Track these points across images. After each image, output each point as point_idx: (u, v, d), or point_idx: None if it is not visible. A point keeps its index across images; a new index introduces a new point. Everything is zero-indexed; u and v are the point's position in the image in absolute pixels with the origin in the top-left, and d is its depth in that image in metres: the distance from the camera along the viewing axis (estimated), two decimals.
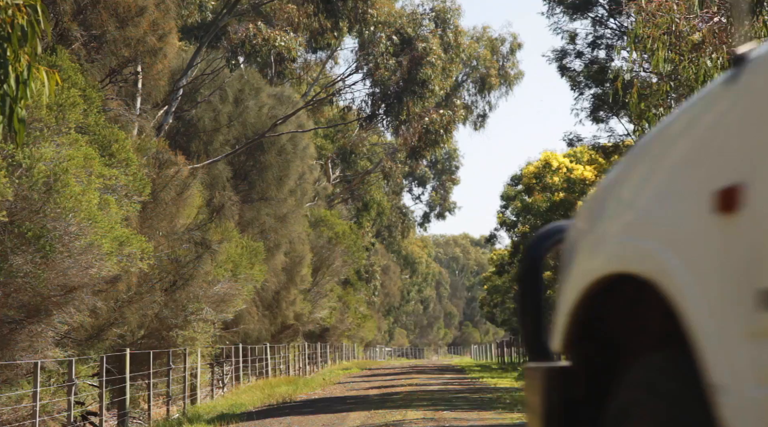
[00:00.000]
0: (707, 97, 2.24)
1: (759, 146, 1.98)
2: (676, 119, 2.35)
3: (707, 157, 2.16)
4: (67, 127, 13.68)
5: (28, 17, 6.50)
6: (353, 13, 31.85)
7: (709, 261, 2.08)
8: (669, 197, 2.25)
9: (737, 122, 2.10)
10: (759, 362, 1.92)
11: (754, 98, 2.07)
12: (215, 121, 29.05)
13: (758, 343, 1.94)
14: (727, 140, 2.11)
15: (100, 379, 15.56)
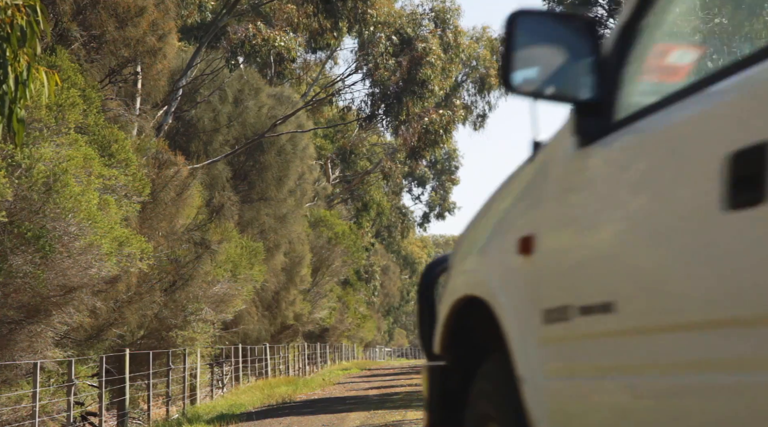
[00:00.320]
0: (517, 170, 3.12)
1: (543, 208, 2.82)
2: (502, 184, 3.26)
3: (515, 214, 3.05)
4: (67, 127, 13.67)
5: (27, 17, 6.49)
6: (353, 13, 31.85)
7: (516, 289, 2.93)
8: (494, 241, 3.15)
9: (531, 190, 2.94)
10: (545, 361, 2.75)
11: (539, 173, 2.88)
12: (215, 121, 29.05)
13: (544, 347, 2.76)
14: (525, 203, 2.98)
15: (100, 379, 15.56)
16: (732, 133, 2.04)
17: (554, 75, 2.66)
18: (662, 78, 2.75)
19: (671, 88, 2.44)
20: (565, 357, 2.69)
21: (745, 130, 1.99)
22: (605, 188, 2.56)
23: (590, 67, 2.61)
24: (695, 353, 2.10)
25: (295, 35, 32.82)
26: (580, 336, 2.59)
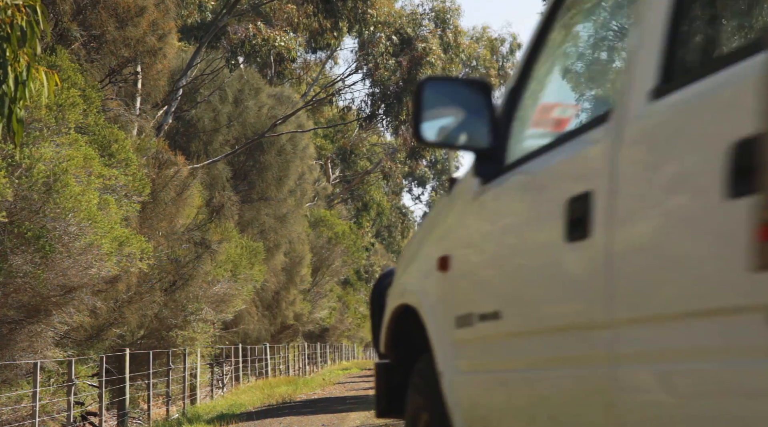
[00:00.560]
0: (440, 201, 3.80)
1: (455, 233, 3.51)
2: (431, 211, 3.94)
3: (437, 236, 3.74)
4: (67, 127, 13.68)
5: (27, 17, 6.50)
6: (353, 13, 31.85)
7: (436, 299, 3.61)
8: (423, 259, 3.84)
9: (447, 217, 3.64)
10: (457, 359, 3.41)
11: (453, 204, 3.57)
12: (215, 121, 29.05)
13: (456, 347, 3.40)
14: (443, 228, 3.68)
15: (100, 379, 15.56)
16: (569, 184, 2.70)
17: (457, 128, 3.27)
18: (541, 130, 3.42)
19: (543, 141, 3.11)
20: (470, 355, 3.38)
21: (577, 181, 2.66)
22: (495, 219, 3.29)
23: (486, 122, 3.23)
24: (551, 352, 2.79)
25: (295, 35, 32.82)
26: (480, 338, 3.29)
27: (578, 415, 2.66)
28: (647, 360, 2.27)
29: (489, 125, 3.24)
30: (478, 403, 3.33)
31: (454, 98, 3.31)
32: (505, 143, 3.28)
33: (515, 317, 3.02)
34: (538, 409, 2.92)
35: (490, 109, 3.27)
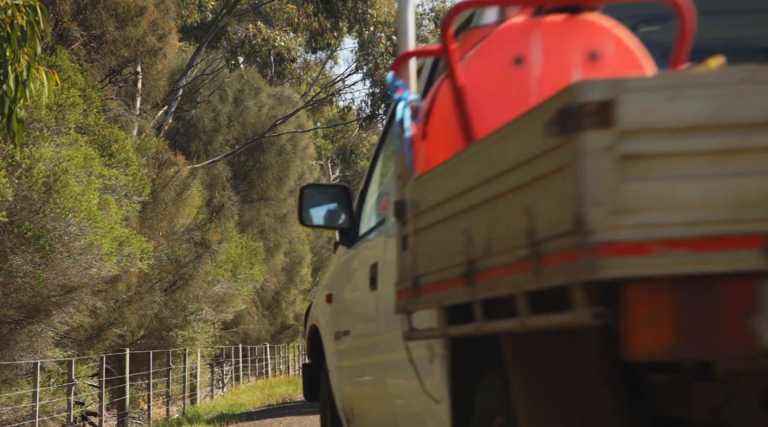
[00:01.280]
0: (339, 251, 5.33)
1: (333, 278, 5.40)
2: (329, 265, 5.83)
3: (326, 280, 5.62)
4: (67, 127, 13.68)
5: (27, 17, 6.50)
6: (353, 13, 31.85)
7: (326, 322, 5.38)
8: (320, 295, 5.68)
9: (331, 268, 5.62)
10: (336, 361, 5.17)
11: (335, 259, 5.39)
12: (215, 121, 29.05)
13: (336, 353, 5.15)
14: (329, 275, 5.61)
15: (100, 379, 15.56)
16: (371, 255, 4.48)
17: (327, 216, 5.06)
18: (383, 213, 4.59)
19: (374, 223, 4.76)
20: (340, 358, 5.18)
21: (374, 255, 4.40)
22: (348, 271, 5.10)
23: (346, 212, 5.00)
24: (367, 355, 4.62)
25: (295, 35, 32.83)
26: (343, 348, 5.10)
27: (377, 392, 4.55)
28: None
29: (347, 214, 5.00)
30: (344, 388, 5.16)
31: (326, 197, 5.07)
32: (357, 224, 5.03)
33: (354, 333, 4.87)
34: (364, 390, 4.86)
35: (349, 204, 5.02)
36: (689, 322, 1.97)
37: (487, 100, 2.89)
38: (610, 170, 1.92)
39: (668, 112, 1.91)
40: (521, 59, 2.88)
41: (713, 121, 1.92)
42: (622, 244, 1.93)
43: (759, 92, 1.89)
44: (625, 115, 1.92)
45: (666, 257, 1.93)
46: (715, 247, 1.93)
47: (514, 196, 2.20)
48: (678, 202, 1.93)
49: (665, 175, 1.92)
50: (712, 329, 1.97)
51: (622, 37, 2.88)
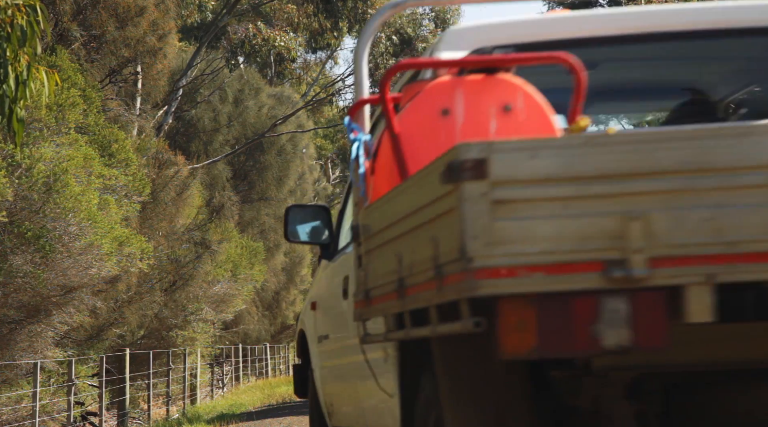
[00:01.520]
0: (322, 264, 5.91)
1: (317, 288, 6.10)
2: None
3: (312, 290, 6.39)
4: (67, 127, 13.68)
5: (27, 17, 6.50)
6: (353, 13, 31.85)
7: (311, 326, 6.05)
8: (307, 302, 6.32)
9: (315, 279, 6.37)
10: (319, 360, 5.86)
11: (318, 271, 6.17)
12: (215, 121, 29.05)
13: (319, 355, 5.86)
14: (314, 285, 6.34)
15: (100, 379, 15.56)
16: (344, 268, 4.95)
17: (310, 232, 5.67)
18: None
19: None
20: (322, 359, 5.82)
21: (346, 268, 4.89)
22: (327, 280, 5.64)
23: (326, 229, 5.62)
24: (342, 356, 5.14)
25: (295, 35, 32.83)
26: (324, 350, 5.71)
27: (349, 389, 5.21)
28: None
29: (329, 231, 5.59)
30: (325, 386, 5.80)
31: (309, 216, 5.71)
32: (337, 239, 5.58)
33: (332, 337, 5.46)
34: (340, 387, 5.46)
35: (329, 221, 5.63)
36: (547, 329, 2.55)
37: (419, 144, 3.49)
38: (485, 212, 2.51)
39: (528, 167, 2.52)
40: (447, 111, 3.51)
41: (561, 175, 2.53)
42: (494, 269, 2.52)
43: (594, 153, 2.55)
44: (495, 169, 2.52)
45: (528, 279, 2.52)
46: (565, 271, 2.52)
47: (424, 229, 2.80)
48: (536, 237, 2.52)
49: (526, 215, 2.52)
50: (565, 334, 2.55)
51: (530, 92, 3.51)
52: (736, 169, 2.52)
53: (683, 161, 2.52)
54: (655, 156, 2.54)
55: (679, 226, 2.53)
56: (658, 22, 4.29)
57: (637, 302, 2.55)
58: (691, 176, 2.53)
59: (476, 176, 2.52)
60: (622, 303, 2.56)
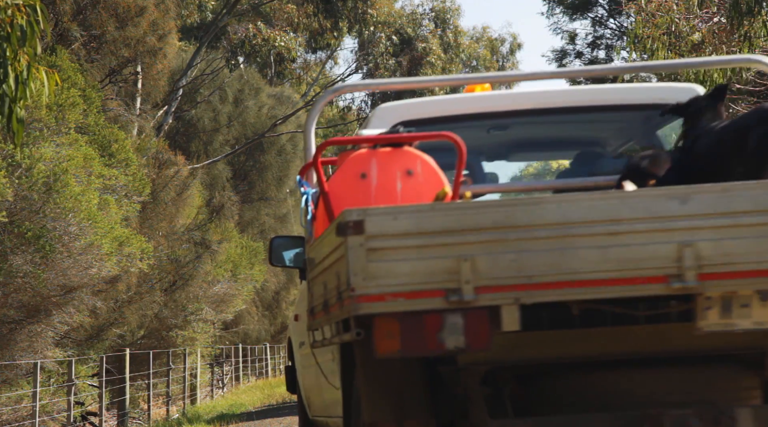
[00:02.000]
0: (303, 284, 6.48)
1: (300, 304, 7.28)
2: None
3: (297, 303, 7.91)
4: (67, 127, 13.68)
5: (27, 17, 6.50)
6: (353, 13, 31.85)
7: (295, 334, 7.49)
8: (293, 314, 7.65)
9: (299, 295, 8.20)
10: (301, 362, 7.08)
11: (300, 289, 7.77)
12: (215, 121, 29.05)
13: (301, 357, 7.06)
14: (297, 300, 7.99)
15: (100, 379, 15.56)
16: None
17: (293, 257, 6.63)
18: None
19: None
20: (302, 362, 6.84)
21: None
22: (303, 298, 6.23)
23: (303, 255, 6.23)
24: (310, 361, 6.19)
25: (295, 35, 32.83)
26: (302, 354, 6.69)
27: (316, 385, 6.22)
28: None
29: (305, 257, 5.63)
30: (304, 383, 6.92)
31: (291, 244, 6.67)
32: None
33: (306, 344, 6.05)
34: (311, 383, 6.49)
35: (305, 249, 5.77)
36: (407, 336, 3.68)
37: (344, 199, 4.55)
38: (363, 256, 3.62)
39: (391, 226, 3.64)
40: (365, 175, 4.61)
41: (414, 231, 3.65)
42: (370, 296, 3.63)
43: (436, 216, 3.66)
44: (369, 228, 3.63)
45: (393, 302, 3.65)
46: (418, 296, 3.64)
47: (332, 266, 3.94)
48: (398, 273, 3.64)
49: (391, 258, 3.63)
50: (420, 339, 3.68)
51: (427, 160, 4.65)
52: (530, 227, 3.70)
53: (496, 221, 3.69)
54: (476, 218, 3.68)
55: (494, 265, 3.68)
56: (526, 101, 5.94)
57: (468, 317, 3.69)
58: (502, 231, 3.70)
59: (356, 232, 3.64)
60: (458, 318, 3.69)
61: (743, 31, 12.38)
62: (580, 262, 3.71)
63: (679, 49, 13.62)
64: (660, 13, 13.57)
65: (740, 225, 3.70)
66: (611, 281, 3.71)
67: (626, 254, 3.70)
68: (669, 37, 13.62)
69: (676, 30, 13.58)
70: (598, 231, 3.72)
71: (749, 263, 3.69)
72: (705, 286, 3.72)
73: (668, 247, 3.70)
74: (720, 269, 3.71)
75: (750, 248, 3.68)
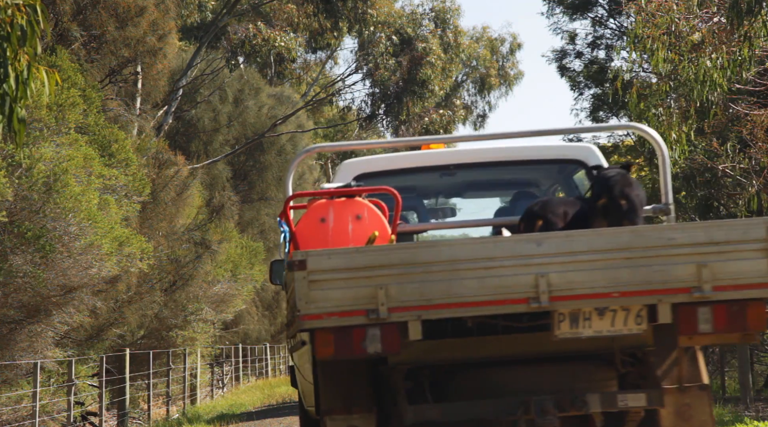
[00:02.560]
0: None
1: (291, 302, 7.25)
2: None
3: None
4: (67, 127, 13.68)
5: (27, 17, 6.50)
6: (353, 13, 31.85)
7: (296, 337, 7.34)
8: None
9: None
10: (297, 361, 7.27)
11: None
12: (215, 121, 29.04)
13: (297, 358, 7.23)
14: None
15: (100, 379, 15.56)
16: None
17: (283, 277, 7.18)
18: None
19: None
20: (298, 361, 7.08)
21: None
22: None
23: None
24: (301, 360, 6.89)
25: (295, 35, 32.82)
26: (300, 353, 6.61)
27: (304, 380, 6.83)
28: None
29: None
30: (300, 379, 7.33)
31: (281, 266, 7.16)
32: None
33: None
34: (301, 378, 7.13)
35: None
36: (339, 344, 5.11)
37: (308, 239, 6.00)
38: (306, 286, 5.05)
39: (326, 263, 5.06)
40: (324, 219, 6.04)
41: (343, 267, 5.07)
42: (311, 315, 5.06)
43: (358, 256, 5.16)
44: (310, 265, 5.06)
45: (328, 320, 5.06)
46: (347, 315, 5.06)
47: (290, 292, 5.38)
48: (332, 299, 5.06)
49: (326, 287, 5.04)
50: (348, 347, 5.09)
51: (372, 207, 6.07)
52: (428, 263, 5.08)
53: (403, 259, 5.09)
54: (389, 257, 5.10)
55: (402, 292, 5.08)
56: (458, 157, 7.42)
57: (383, 330, 5.13)
58: (407, 267, 5.10)
59: (300, 269, 5.08)
60: (376, 331, 5.12)
61: (743, 31, 12.37)
62: (465, 289, 5.11)
63: (679, 49, 13.61)
64: (660, 13, 13.56)
65: (579, 261, 5.14)
66: (487, 302, 5.13)
67: (497, 283, 5.12)
68: (669, 37, 13.61)
69: (676, 30, 13.57)
70: (478, 266, 5.13)
71: (587, 288, 5.14)
72: (556, 305, 5.14)
73: (528, 277, 5.12)
74: (566, 293, 5.13)
75: (587, 277, 5.14)
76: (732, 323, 5.37)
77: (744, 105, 15.74)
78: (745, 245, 5.24)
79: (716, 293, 5.22)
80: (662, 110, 15.04)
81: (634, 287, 5.19)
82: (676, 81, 14.28)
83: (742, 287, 5.27)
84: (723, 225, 5.31)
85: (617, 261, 5.20)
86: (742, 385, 16.28)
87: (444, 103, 39.85)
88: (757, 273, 5.23)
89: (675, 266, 5.22)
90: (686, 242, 5.25)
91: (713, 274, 5.21)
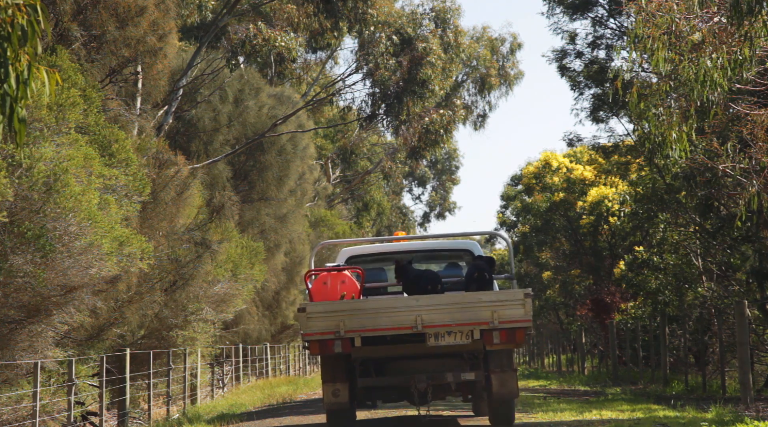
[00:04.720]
0: None
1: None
2: None
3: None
4: (67, 127, 13.68)
5: (28, 17, 6.50)
6: (353, 13, 31.84)
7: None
8: None
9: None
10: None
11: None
12: (215, 121, 29.03)
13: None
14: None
15: (100, 379, 15.56)
16: None
17: None
18: None
19: None
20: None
21: None
22: None
23: None
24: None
25: (295, 35, 32.81)
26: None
27: None
28: None
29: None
30: None
31: None
32: None
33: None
34: None
35: None
36: (321, 348, 11.99)
37: (317, 294, 12.44)
38: (306, 320, 11.98)
39: (315, 309, 12.23)
40: (326, 282, 12.48)
41: (323, 311, 12.02)
42: (308, 334, 12.00)
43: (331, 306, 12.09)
44: (308, 310, 12.03)
45: (316, 336, 12.01)
46: (324, 334, 11.99)
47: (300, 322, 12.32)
48: (317, 326, 12.01)
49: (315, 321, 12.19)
50: (325, 348, 11.97)
51: (350, 276, 12.52)
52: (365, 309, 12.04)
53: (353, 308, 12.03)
54: (345, 306, 12.00)
55: (352, 323, 11.91)
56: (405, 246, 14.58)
57: (342, 341, 11.88)
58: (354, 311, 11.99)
59: (302, 311, 11.93)
60: (339, 341, 11.88)
61: (743, 31, 12.37)
62: (382, 321, 11.86)
63: (679, 48, 13.61)
64: (660, 12, 13.55)
65: (437, 309, 11.83)
66: (393, 328, 11.88)
67: (397, 318, 11.84)
68: (669, 36, 13.60)
69: (677, 30, 13.56)
70: (390, 311, 11.85)
71: (441, 321, 11.82)
72: (426, 330, 11.80)
73: (412, 316, 11.79)
74: (431, 324, 11.81)
75: (441, 316, 11.80)
76: (510, 339, 11.74)
77: (744, 105, 15.74)
78: (514, 302, 11.74)
79: (501, 325, 11.72)
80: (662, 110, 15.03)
81: (464, 321, 11.76)
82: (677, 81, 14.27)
83: (513, 321, 11.71)
84: (503, 293, 11.91)
85: (455, 308, 11.79)
86: (742, 385, 16.31)
87: (444, 103, 39.85)
88: (519, 315, 11.70)
89: (481, 311, 11.75)
90: (486, 300, 11.79)
91: (499, 316, 11.73)
